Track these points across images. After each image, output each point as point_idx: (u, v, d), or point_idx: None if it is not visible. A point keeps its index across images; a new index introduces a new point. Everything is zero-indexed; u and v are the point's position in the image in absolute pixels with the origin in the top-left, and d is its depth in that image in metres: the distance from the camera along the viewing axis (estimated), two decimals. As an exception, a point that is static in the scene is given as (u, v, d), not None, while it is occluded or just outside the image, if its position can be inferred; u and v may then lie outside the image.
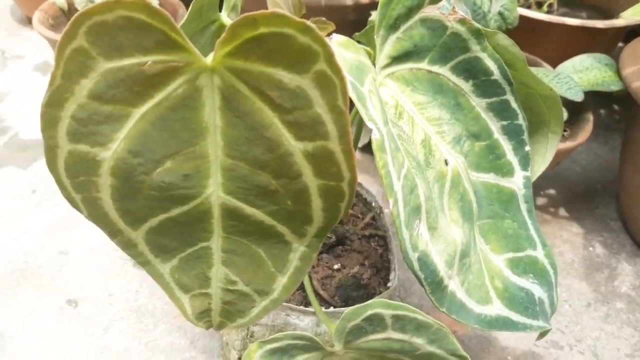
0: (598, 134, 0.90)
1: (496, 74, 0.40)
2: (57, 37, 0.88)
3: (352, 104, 0.29)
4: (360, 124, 0.44)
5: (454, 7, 0.37)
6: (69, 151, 0.28)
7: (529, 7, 0.84)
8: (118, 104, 0.26)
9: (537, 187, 0.79)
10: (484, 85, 0.40)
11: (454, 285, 0.36)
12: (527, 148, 0.43)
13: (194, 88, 0.26)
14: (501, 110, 0.42)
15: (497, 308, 0.39)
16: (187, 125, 0.27)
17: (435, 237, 0.35)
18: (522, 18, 0.69)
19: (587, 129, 0.64)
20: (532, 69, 0.63)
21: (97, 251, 0.66)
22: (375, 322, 0.32)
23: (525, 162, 0.43)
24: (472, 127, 0.41)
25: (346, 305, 0.42)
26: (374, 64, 0.36)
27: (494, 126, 0.42)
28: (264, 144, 0.28)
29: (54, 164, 0.28)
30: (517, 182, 0.43)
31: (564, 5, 0.91)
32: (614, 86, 0.64)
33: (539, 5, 0.86)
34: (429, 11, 0.37)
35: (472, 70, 0.40)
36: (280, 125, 0.27)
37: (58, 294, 0.61)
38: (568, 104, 0.64)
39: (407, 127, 0.35)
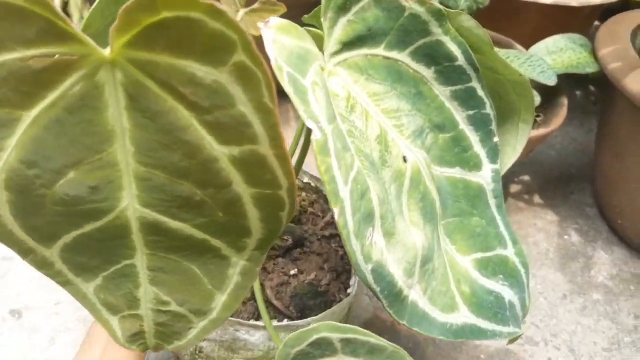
0: (573, 117, 0.87)
1: (460, 59, 0.36)
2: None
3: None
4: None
5: None
6: (-48, 162, 0.23)
7: (500, -15, 0.80)
8: (3, 106, 0.22)
9: (511, 173, 0.76)
10: (448, 71, 0.37)
11: (415, 294, 0.33)
12: (496, 139, 0.40)
13: (93, 85, 0.22)
14: (467, 99, 0.38)
15: (463, 315, 0.36)
16: (89, 129, 0.23)
17: (392, 244, 0.31)
18: (494, -3, 0.67)
19: (561, 114, 0.61)
20: (504, 52, 0.62)
21: (43, 255, 0.61)
22: (323, 346, 0.29)
23: (493, 154, 0.40)
24: (436, 117, 0.38)
25: (302, 315, 0.39)
26: (322, 51, 0.32)
27: (459, 116, 0.38)
28: (182, 149, 0.24)
29: (-64, 177, 0.24)
30: (485, 176, 0.40)
31: (536, -17, 0.88)
32: (590, 68, 0.60)
33: (512, -17, 0.82)
34: None
35: (433, 56, 0.36)
36: (199, 127, 0.23)
37: (1, 304, 0.56)
38: (541, 87, 0.61)
39: (360, 121, 0.31)
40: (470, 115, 0.38)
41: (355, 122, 0.31)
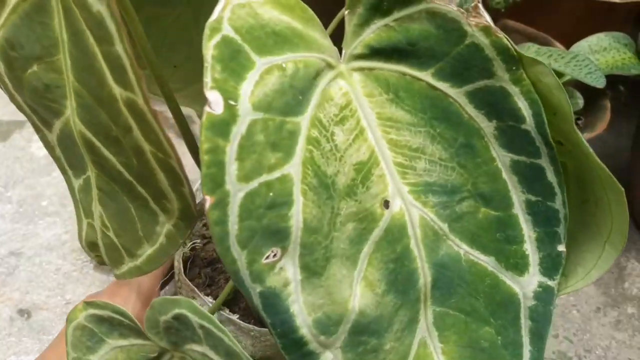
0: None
1: (529, 123, 0.27)
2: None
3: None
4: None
5: (476, 5, 0.26)
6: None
7: (536, -23, 0.76)
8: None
9: None
10: (511, 133, 0.28)
11: (330, 358, 0.27)
12: (561, 248, 0.29)
13: (46, -9, 0.24)
14: (531, 179, 0.29)
15: None
16: (45, 32, 0.25)
17: (311, 283, 0.26)
18: (529, -10, 0.64)
19: (604, 119, 0.58)
20: (545, 49, 0.57)
21: (53, 251, 0.57)
22: (190, 328, 0.26)
23: (551, 265, 0.29)
24: (483, 185, 0.29)
25: (257, 321, 0.36)
26: (340, 48, 0.28)
27: (516, 196, 0.29)
28: (96, 76, 0.24)
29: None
30: (527, 286, 0.30)
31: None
32: (635, 69, 0.56)
33: (550, -23, 0.76)
34: (441, 3, 0.26)
35: (496, 106, 0.28)
36: (101, 58, 0.23)
37: (8, 303, 0.52)
38: (582, 89, 0.58)
39: (343, 137, 0.27)
40: (532, 201, 0.29)
41: (335, 135, 0.26)
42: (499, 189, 0.29)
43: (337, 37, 0.29)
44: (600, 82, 0.52)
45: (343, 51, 0.28)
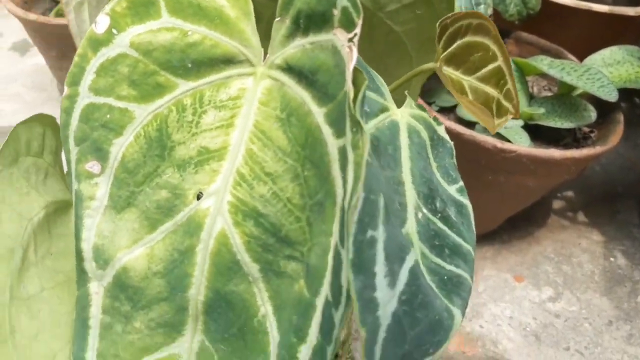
0: (620, 131, 0.71)
1: (342, 202, 0.22)
2: (28, 15, 0.86)
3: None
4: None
5: (350, 46, 0.21)
6: None
7: (554, -9, 0.70)
8: None
9: (555, 189, 0.64)
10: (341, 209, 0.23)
11: (95, 290, 0.28)
12: None
13: None
14: (335, 274, 0.23)
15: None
16: None
17: (110, 214, 0.27)
18: (545, 2, 0.65)
19: (617, 132, 0.56)
20: (558, 62, 0.57)
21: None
22: None
23: None
24: (314, 256, 0.25)
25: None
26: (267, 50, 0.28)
27: (326, 287, 0.24)
28: None
29: None
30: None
31: (592, -9, 0.69)
32: None
33: (569, -8, 0.67)
34: (340, 36, 0.23)
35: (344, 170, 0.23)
36: None
37: None
38: (596, 101, 0.57)
39: (211, 120, 0.26)
40: (328, 301, 0.23)
41: (206, 114, 0.27)
42: (320, 269, 0.25)
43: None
44: (612, 96, 0.52)
45: (268, 55, 0.28)
